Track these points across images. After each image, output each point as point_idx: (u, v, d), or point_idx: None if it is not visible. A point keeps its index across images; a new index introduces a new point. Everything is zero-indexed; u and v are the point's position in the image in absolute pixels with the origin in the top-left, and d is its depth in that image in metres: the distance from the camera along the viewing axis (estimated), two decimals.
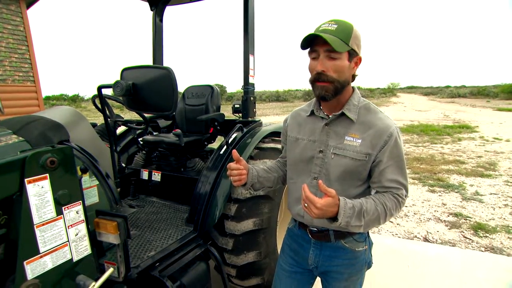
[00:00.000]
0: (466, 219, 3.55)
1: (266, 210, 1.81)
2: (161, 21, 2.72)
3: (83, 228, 0.98)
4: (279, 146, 2.05)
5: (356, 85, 1.10)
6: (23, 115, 1.31)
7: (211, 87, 2.68)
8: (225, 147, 1.93)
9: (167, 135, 2.43)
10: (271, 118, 15.41)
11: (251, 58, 2.27)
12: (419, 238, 3.16)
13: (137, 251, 1.51)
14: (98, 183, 1.18)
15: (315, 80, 0.99)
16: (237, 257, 1.75)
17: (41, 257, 0.86)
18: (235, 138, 2.00)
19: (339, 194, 1.06)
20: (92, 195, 1.15)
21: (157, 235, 1.68)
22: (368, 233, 1.20)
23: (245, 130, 2.09)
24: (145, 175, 2.35)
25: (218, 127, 2.58)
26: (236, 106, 2.52)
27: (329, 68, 0.96)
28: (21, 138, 1.01)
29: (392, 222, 3.54)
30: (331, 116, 1.07)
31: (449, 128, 10.63)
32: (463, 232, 3.26)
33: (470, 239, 3.09)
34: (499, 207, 3.89)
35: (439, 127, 10.73)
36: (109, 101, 2.07)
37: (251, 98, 2.39)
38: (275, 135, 2.21)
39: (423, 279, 2.39)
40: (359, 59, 1.02)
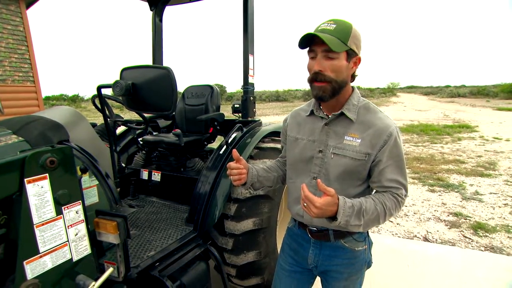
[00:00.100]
0: (466, 219, 3.56)
1: (266, 209, 1.81)
2: (161, 21, 2.72)
3: (82, 228, 0.98)
4: (279, 146, 2.05)
5: (355, 85, 1.10)
6: (22, 115, 1.31)
7: (210, 87, 2.68)
8: (225, 147, 1.93)
9: (167, 135, 2.43)
10: (271, 118, 15.41)
11: (250, 58, 2.27)
12: (419, 237, 3.16)
13: (137, 251, 1.51)
14: (97, 183, 1.18)
15: (312, 79, 1.00)
16: (237, 257, 1.76)
17: (41, 257, 0.86)
18: (235, 138, 2.00)
19: (338, 193, 1.05)
20: (91, 195, 1.16)
21: (157, 235, 1.68)
22: (367, 233, 1.20)
23: (245, 130, 2.09)
24: (145, 175, 2.35)
25: (217, 127, 2.58)
26: (235, 106, 2.52)
27: (326, 68, 0.96)
28: (20, 138, 1.01)
29: (392, 221, 3.55)
30: (330, 116, 1.07)
31: (449, 127, 10.63)
32: (463, 231, 3.26)
33: (470, 239, 3.10)
34: (499, 207, 3.89)
35: (439, 127, 10.73)
36: (109, 101, 2.08)
37: (251, 98, 2.39)
38: (275, 135, 2.21)
39: (423, 279, 2.39)
40: (359, 59, 1.01)
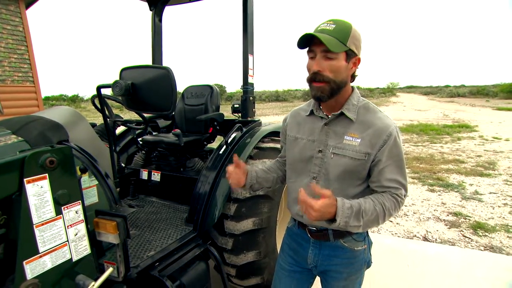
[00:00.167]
0: (465, 218, 3.56)
1: (265, 209, 1.81)
2: (160, 21, 2.72)
3: (82, 228, 0.98)
4: (279, 146, 2.05)
5: (355, 84, 1.10)
6: (22, 115, 1.31)
7: (210, 87, 2.68)
8: (225, 147, 1.93)
9: (166, 135, 2.43)
10: (270, 118, 15.41)
11: (250, 58, 2.27)
12: (418, 237, 3.16)
13: (137, 251, 1.51)
14: (97, 183, 1.18)
15: (311, 79, 1.00)
16: (236, 257, 1.76)
17: (41, 257, 0.86)
18: (235, 138, 2.00)
19: (338, 193, 1.05)
20: (91, 195, 1.16)
21: (156, 235, 1.68)
22: (367, 233, 1.20)
23: (245, 130, 2.09)
24: (144, 175, 2.35)
25: (217, 127, 2.58)
26: (235, 106, 2.52)
27: (325, 68, 0.96)
28: (20, 138, 1.01)
29: (391, 221, 3.55)
30: (330, 116, 1.07)
31: (448, 127, 10.64)
32: (463, 231, 3.26)
33: (469, 238, 3.10)
34: (499, 206, 3.89)
35: (438, 127, 10.74)
36: (109, 101, 2.08)
37: (251, 98, 2.39)
38: (275, 134, 2.21)
39: (422, 278, 2.40)
40: (358, 59, 1.01)
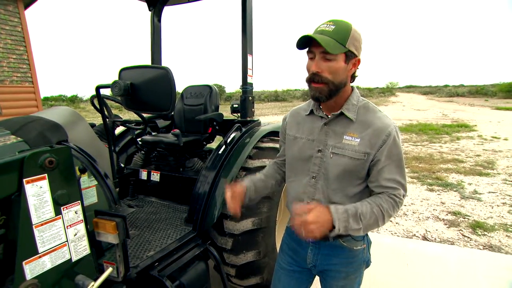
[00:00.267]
0: (464, 218, 3.57)
1: (265, 209, 1.81)
2: (159, 21, 2.72)
3: (82, 228, 0.98)
4: (278, 145, 2.06)
5: (354, 84, 1.10)
6: (21, 115, 1.31)
7: (209, 87, 2.68)
8: (224, 146, 1.93)
9: (165, 135, 2.42)
10: (269, 118, 15.41)
11: (249, 58, 2.27)
12: (418, 236, 3.17)
13: (136, 251, 1.51)
14: (96, 183, 1.18)
15: (310, 80, 1.00)
16: (236, 257, 1.76)
17: (40, 257, 0.86)
18: (234, 137, 2.00)
19: (338, 193, 1.06)
20: (90, 195, 1.16)
21: (156, 235, 1.68)
22: None
23: (244, 129, 2.09)
24: (144, 175, 2.35)
25: (216, 127, 2.58)
26: (234, 105, 2.52)
27: (324, 69, 0.96)
28: (19, 138, 1.01)
29: (391, 221, 3.55)
30: (330, 115, 1.07)
31: (447, 127, 10.65)
32: (462, 230, 3.27)
33: (468, 238, 3.10)
34: (497, 206, 3.90)
35: (437, 126, 10.75)
36: (108, 101, 2.07)
37: (250, 97, 2.39)
38: (274, 134, 2.21)
39: (422, 278, 2.40)
40: (358, 60, 1.01)
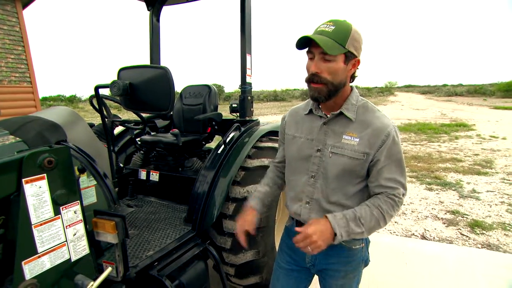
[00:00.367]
0: (463, 217, 3.58)
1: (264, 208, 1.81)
2: (158, 21, 2.72)
3: (81, 228, 0.98)
4: (277, 145, 2.06)
5: (353, 84, 1.11)
6: (20, 115, 1.31)
7: (208, 87, 2.68)
8: (223, 146, 1.93)
9: (164, 135, 2.42)
10: (268, 117, 15.41)
11: (248, 57, 2.27)
12: (416, 235, 3.18)
13: (136, 250, 1.51)
14: (96, 183, 1.18)
15: (310, 80, 1.00)
16: (235, 256, 1.76)
17: (39, 257, 0.86)
18: (233, 137, 2.00)
19: (337, 192, 1.07)
20: (90, 195, 1.16)
21: (155, 235, 1.68)
22: None
23: (243, 129, 2.09)
24: (143, 175, 2.35)
25: (215, 127, 2.58)
26: (233, 105, 2.52)
27: (323, 70, 0.97)
28: (18, 138, 1.01)
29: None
30: (329, 115, 1.07)
31: (446, 126, 10.67)
32: (460, 229, 3.28)
33: (467, 236, 3.12)
34: (496, 204, 3.91)
35: (436, 126, 10.78)
36: (107, 101, 2.07)
37: (249, 97, 2.39)
38: (273, 134, 2.21)
39: (420, 276, 2.41)
40: (358, 61, 1.01)
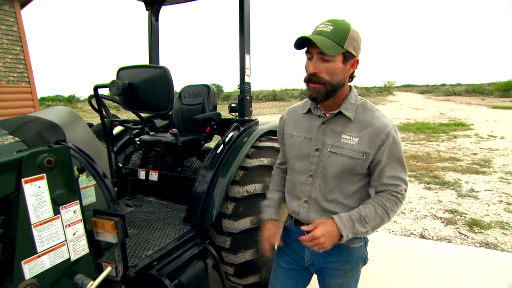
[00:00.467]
0: (461, 216, 3.59)
1: None
2: (157, 20, 2.72)
3: (80, 227, 0.98)
4: (276, 144, 2.06)
5: (352, 84, 1.11)
6: (18, 115, 1.30)
7: (207, 87, 2.69)
8: (222, 146, 1.93)
9: (164, 135, 2.42)
10: (267, 117, 15.41)
11: (247, 57, 2.27)
12: (415, 235, 3.19)
13: (135, 250, 1.51)
14: (95, 183, 1.18)
15: (308, 80, 1.01)
16: (234, 256, 1.76)
17: (39, 256, 0.86)
18: (232, 137, 2.00)
19: (336, 191, 1.08)
20: (89, 195, 1.15)
21: (154, 234, 1.68)
22: None
23: (242, 129, 2.09)
24: (142, 175, 2.35)
25: (214, 126, 2.58)
26: (232, 105, 2.53)
27: (321, 70, 0.97)
28: (17, 138, 1.01)
29: None
30: (328, 114, 1.07)
31: (444, 126, 10.70)
32: (459, 228, 3.29)
33: (465, 235, 3.13)
34: (494, 203, 3.93)
35: (435, 125, 10.80)
36: (106, 101, 2.07)
37: (248, 97, 2.39)
38: (272, 134, 2.21)
39: (419, 275, 2.42)
40: (356, 61, 1.01)
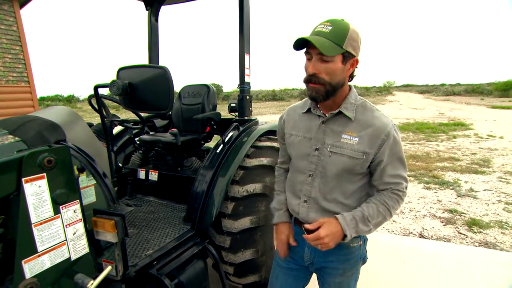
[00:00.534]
0: (460, 215, 3.60)
1: (262, 208, 1.82)
2: (157, 20, 2.72)
3: (80, 227, 0.98)
4: (275, 144, 2.06)
5: (351, 83, 1.11)
6: (18, 115, 1.30)
7: (207, 86, 2.69)
8: (222, 145, 1.94)
9: (163, 135, 2.42)
10: (267, 117, 15.41)
11: (246, 57, 2.28)
12: (414, 234, 3.19)
13: (135, 249, 1.52)
14: (95, 182, 1.18)
15: (308, 81, 1.01)
16: (234, 255, 1.77)
17: (39, 256, 0.87)
18: (232, 136, 2.00)
19: (336, 190, 1.08)
20: (89, 195, 1.16)
21: (154, 234, 1.69)
22: None
23: (241, 128, 2.09)
24: (142, 174, 2.35)
25: (214, 126, 2.59)
26: (232, 105, 2.53)
27: (321, 70, 0.97)
28: (17, 138, 1.01)
29: None
30: (328, 114, 1.08)
31: (444, 125, 10.71)
32: (458, 228, 3.30)
33: (464, 235, 3.14)
34: (493, 203, 3.94)
35: (434, 125, 10.81)
36: (105, 101, 2.07)
37: (247, 97, 2.40)
38: (271, 133, 2.21)
39: (418, 274, 2.42)
40: (356, 60, 1.01)
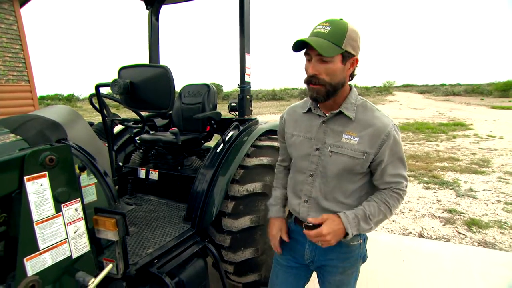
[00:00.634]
0: (460, 215, 3.61)
1: (262, 207, 1.83)
2: (157, 20, 2.72)
3: (82, 225, 0.99)
4: (276, 143, 2.07)
5: (352, 83, 1.12)
6: (19, 114, 1.31)
7: (207, 86, 2.69)
8: (222, 145, 1.94)
9: (164, 134, 2.43)
10: (267, 116, 15.42)
11: (247, 57, 2.28)
12: (414, 234, 3.20)
13: (136, 248, 1.52)
14: (96, 181, 1.18)
15: (308, 82, 1.01)
16: (234, 254, 1.77)
17: (41, 254, 0.87)
18: (232, 136, 2.01)
19: (336, 190, 1.09)
20: (90, 193, 1.16)
21: (155, 233, 1.69)
22: None
23: (242, 128, 2.10)
24: (142, 173, 2.35)
25: (214, 126, 2.59)
26: (232, 104, 2.53)
27: (321, 71, 0.97)
28: (18, 136, 1.02)
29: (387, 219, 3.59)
30: (328, 114, 1.08)
31: (444, 126, 10.72)
32: (457, 227, 3.31)
33: (463, 235, 3.14)
34: (492, 203, 3.95)
35: (434, 125, 10.82)
36: (106, 100, 2.07)
37: (247, 96, 2.40)
38: (271, 133, 2.22)
39: (418, 274, 2.43)
40: (356, 60, 1.01)
